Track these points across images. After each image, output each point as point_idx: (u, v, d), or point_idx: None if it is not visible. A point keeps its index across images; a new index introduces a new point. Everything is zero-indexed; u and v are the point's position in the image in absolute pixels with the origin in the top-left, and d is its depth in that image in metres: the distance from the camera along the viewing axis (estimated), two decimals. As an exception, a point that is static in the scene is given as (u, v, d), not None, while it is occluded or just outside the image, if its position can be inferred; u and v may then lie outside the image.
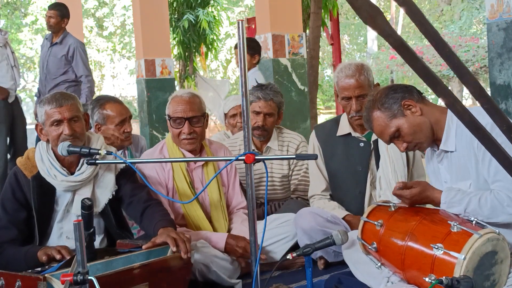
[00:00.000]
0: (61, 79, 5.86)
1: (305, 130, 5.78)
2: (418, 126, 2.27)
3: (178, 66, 10.83)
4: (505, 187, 2.12)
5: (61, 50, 5.86)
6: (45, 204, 2.62)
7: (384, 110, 2.29)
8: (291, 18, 5.88)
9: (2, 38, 5.42)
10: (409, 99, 2.28)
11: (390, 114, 2.28)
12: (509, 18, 3.76)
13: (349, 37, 27.73)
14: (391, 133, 2.30)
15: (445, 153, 2.32)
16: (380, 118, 2.31)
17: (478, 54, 16.32)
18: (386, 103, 2.29)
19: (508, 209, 2.10)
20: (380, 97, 2.32)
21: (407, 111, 2.27)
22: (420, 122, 2.27)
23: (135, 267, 2.23)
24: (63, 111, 2.56)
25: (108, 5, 21.26)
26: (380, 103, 2.30)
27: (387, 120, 2.29)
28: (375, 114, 2.32)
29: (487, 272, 2.04)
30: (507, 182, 2.10)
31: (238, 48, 2.01)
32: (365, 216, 2.41)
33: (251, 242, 2.09)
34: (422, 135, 2.28)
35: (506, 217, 2.13)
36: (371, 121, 2.35)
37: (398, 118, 2.27)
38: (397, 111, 2.27)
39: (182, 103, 2.97)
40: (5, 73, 5.38)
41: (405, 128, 2.26)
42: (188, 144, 3.00)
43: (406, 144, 2.29)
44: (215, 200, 3.06)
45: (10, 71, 5.42)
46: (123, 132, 3.33)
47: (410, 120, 2.26)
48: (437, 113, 2.30)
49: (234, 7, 20.64)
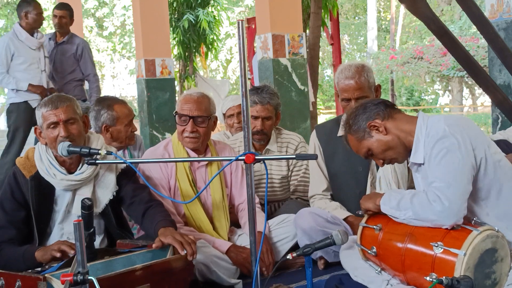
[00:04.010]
0: (69, 77, 5.87)
1: (305, 130, 5.77)
2: (386, 145, 2.35)
3: (178, 66, 10.82)
4: (438, 188, 2.14)
5: (69, 49, 5.85)
6: (43, 204, 2.62)
7: (353, 133, 2.41)
8: (291, 18, 5.87)
9: (37, 42, 5.43)
10: (375, 119, 2.35)
11: (359, 136, 2.39)
12: (509, 18, 3.76)
13: (349, 37, 27.74)
14: (364, 153, 2.42)
15: (417, 166, 2.35)
16: (352, 140, 2.43)
17: (478, 54, 16.30)
18: (354, 125, 2.40)
19: (434, 204, 2.11)
20: (349, 119, 2.43)
21: (373, 131, 2.36)
22: (387, 141, 2.34)
23: (137, 268, 2.23)
24: (58, 113, 2.56)
25: (108, 5, 21.27)
26: (349, 126, 2.43)
27: (357, 141, 2.41)
28: (348, 135, 2.45)
29: (488, 270, 2.04)
30: (442, 183, 2.13)
31: (238, 48, 2.01)
32: (363, 221, 2.42)
33: (251, 242, 2.09)
34: (392, 152, 2.36)
35: (433, 216, 2.12)
36: (348, 142, 2.48)
37: (366, 139, 2.38)
38: (364, 133, 2.37)
39: (190, 101, 2.99)
40: (33, 76, 5.36)
41: (374, 148, 2.37)
42: (190, 142, 3.01)
43: (381, 161, 2.40)
44: (217, 200, 3.06)
45: (39, 75, 5.42)
46: (131, 132, 3.42)
47: (378, 140, 2.35)
48: (407, 125, 2.34)
49: (234, 7, 20.64)
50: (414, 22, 25.12)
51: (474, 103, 23.34)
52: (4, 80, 5.31)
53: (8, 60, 5.31)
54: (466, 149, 2.15)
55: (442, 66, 18.11)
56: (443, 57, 17.99)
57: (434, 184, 2.16)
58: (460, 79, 19.54)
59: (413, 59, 18.95)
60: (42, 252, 2.38)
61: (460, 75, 18.20)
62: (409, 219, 2.20)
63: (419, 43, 21.51)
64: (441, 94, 24.60)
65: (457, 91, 21.71)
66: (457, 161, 2.14)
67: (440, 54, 18.13)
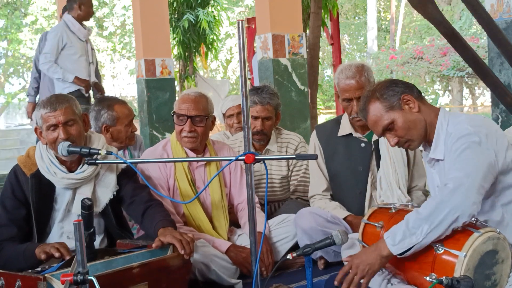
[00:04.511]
0: None
1: (305, 130, 5.77)
2: (413, 123, 2.26)
3: (178, 66, 10.82)
4: (457, 177, 2.04)
5: None
6: (43, 202, 2.62)
7: (382, 100, 2.27)
8: (291, 18, 5.86)
9: (87, 33, 5.48)
10: (409, 94, 2.27)
11: (387, 105, 2.27)
12: (509, 18, 3.75)
13: (349, 37, 27.73)
14: (384, 125, 2.28)
15: (435, 161, 2.33)
16: (377, 108, 2.29)
17: (479, 54, 16.25)
18: (386, 94, 2.27)
19: (455, 194, 2.00)
20: (380, 88, 2.31)
21: (405, 105, 2.26)
22: (415, 119, 2.26)
23: (134, 266, 2.23)
24: (57, 115, 2.56)
25: (108, 5, 21.26)
26: (380, 93, 2.29)
27: (383, 111, 2.27)
28: (372, 103, 2.30)
29: (488, 272, 2.04)
30: (461, 173, 2.04)
31: (238, 48, 2.01)
32: (365, 218, 2.41)
33: (251, 242, 2.10)
34: (415, 132, 2.27)
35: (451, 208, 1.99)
36: (367, 111, 2.33)
37: (395, 111, 2.26)
38: (395, 103, 2.26)
39: (187, 101, 3.00)
40: (83, 68, 5.41)
41: (400, 122, 2.25)
42: (188, 142, 3.01)
43: (397, 139, 2.28)
44: (216, 200, 3.06)
45: (87, 67, 5.47)
46: (131, 132, 3.42)
47: (406, 115, 2.26)
48: (432, 115, 2.29)
49: (234, 7, 20.65)
50: (414, 22, 25.13)
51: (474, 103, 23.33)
52: (51, 69, 5.33)
53: (58, 50, 5.34)
54: (487, 148, 2.11)
55: (442, 66, 18.10)
56: (443, 57, 17.99)
57: (453, 175, 2.07)
58: (460, 79, 19.54)
59: (413, 59, 18.95)
60: (40, 249, 2.37)
61: (460, 75, 18.20)
62: (426, 234, 2.02)
63: (419, 43, 21.50)
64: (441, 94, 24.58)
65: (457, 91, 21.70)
66: (477, 155, 2.08)
67: (440, 54, 18.14)
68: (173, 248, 2.44)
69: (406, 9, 24.19)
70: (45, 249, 2.35)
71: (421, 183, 3.10)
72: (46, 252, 2.34)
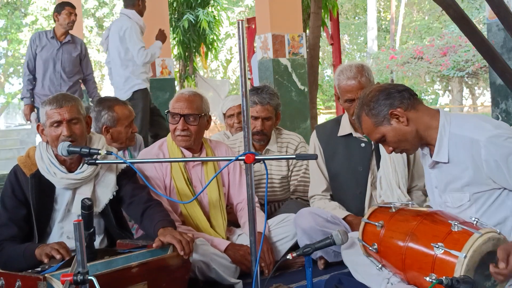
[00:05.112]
0: (75, 78, 5.88)
1: (305, 130, 5.77)
2: (403, 136, 2.30)
3: (178, 66, 10.83)
4: None
5: (74, 49, 5.84)
6: (43, 202, 2.62)
7: (371, 116, 2.32)
8: (291, 18, 5.87)
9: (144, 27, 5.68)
10: (398, 107, 2.28)
11: (376, 121, 2.31)
12: (509, 18, 3.75)
13: (349, 37, 27.74)
14: (376, 138, 2.36)
15: (438, 163, 2.34)
16: (367, 122, 2.35)
17: (478, 54, 16.22)
18: (374, 109, 2.31)
19: None
20: (369, 101, 2.33)
21: (393, 120, 2.29)
22: (405, 132, 2.29)
23: (134, 266, 2.23)
24: (63, 112, 2.56)
25: (108, 5, 21.25)
26: (368, 108, 2.32)
27: (373, 126, 2.33)
28: (363, 116, 2.36)
29: (488, 272, 2.04)
30: None
31: (238, 48, 2.01)
32: (366, 217, 2.41)
33: (251, 242, 2.09)
34: (407, 143, 2.32)
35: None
36: (360, 122, 2.39)
37: (384, 126, 2.30)
38: (383, 119, 2.30)
39: (181, 100, 3.01)
40: None
41: (390, 136, 2.31)
42: (181, 140, 3.02)
43: (392, 148, 2.34)
44: (213, 199, 3.06)
45: None
46: (131, 132, 3.43)
47: (395, 130, 2.29)
48: (427, 118, 2.30)
49: (234, 7, 20.65)
50: (414, 22, 25.14)
51: (474, 103, 23.35)
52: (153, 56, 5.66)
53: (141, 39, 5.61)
54: None
55: (442, 66, 18.10)
56: (443, 57, 17.99)
57: None
58: (460, 79, 19.54)
59: (413, 59, 18.96)
60: (41, 251, 2.37)
61: (460, 75, 18.20)
62: None
63: (419, 43, 21.51)
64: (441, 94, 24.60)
65: (457, 91, 21.72)
66: None
67: (440, 54, 18.14)
68: (173, 248, 2.44)
69: (406, 9, 24.22)
70: (45, 251, 2.34)
71: (421, 183, 3.09)
72: (46, 254, 2.34)
